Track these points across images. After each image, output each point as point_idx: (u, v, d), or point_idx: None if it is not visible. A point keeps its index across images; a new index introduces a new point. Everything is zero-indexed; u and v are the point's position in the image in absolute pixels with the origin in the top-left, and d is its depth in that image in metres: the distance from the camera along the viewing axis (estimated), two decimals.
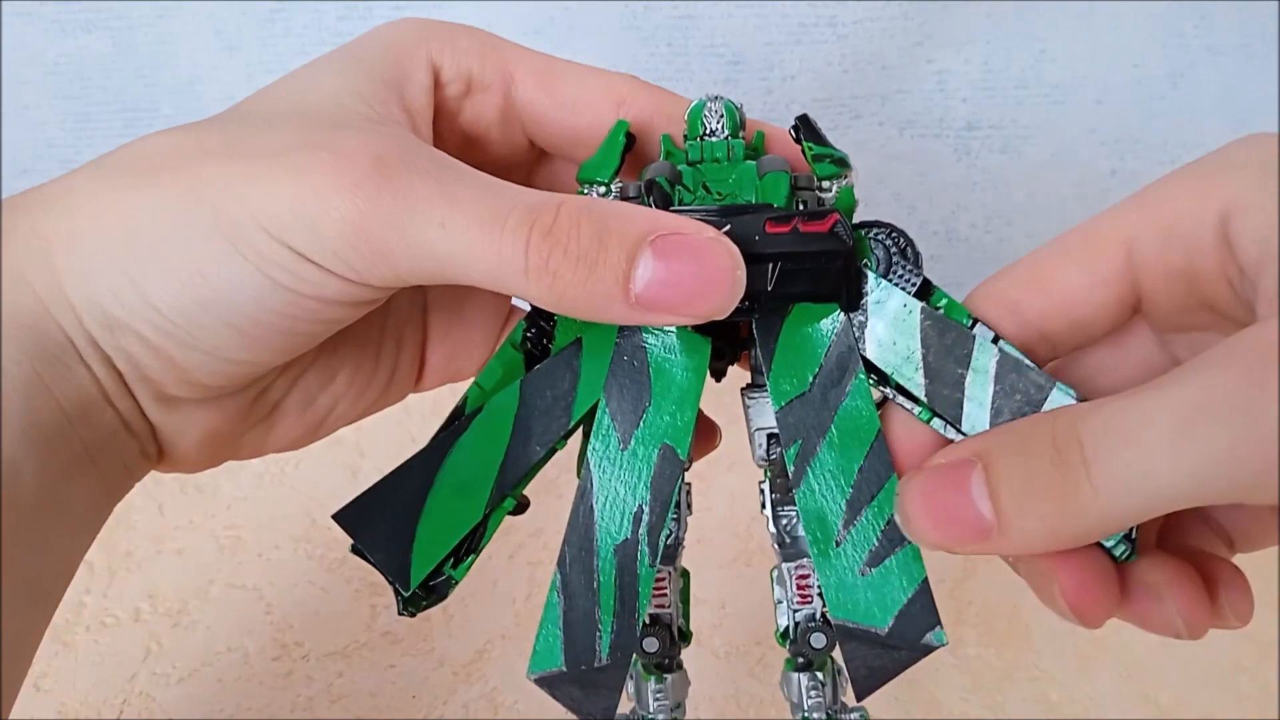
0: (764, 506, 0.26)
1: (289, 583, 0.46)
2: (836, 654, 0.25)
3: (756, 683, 0.42)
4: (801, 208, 0.24)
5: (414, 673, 0.42)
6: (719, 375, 0.27)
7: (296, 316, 0.23)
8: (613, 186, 0.25)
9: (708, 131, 0.25)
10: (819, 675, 0.26)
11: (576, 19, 0.53)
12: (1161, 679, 0.42)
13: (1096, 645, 0.43)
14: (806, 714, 0.26)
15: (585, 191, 0.26)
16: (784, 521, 0.26)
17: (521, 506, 0.25)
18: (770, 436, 0.25)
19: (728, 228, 0.22)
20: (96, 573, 0.46)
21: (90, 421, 0.23)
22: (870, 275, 0.24)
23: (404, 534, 0.24)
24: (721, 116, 0.25)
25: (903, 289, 0.24)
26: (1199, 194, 0.22)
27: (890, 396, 0.24)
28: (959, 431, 0.23)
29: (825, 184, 0.25)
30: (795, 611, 0.25)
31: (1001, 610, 0.45)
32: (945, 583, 0.46)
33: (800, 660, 0.26)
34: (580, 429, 0.25)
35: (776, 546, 0.26)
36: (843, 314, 0.24)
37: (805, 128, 0.26)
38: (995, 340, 0.24)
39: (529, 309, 0.26)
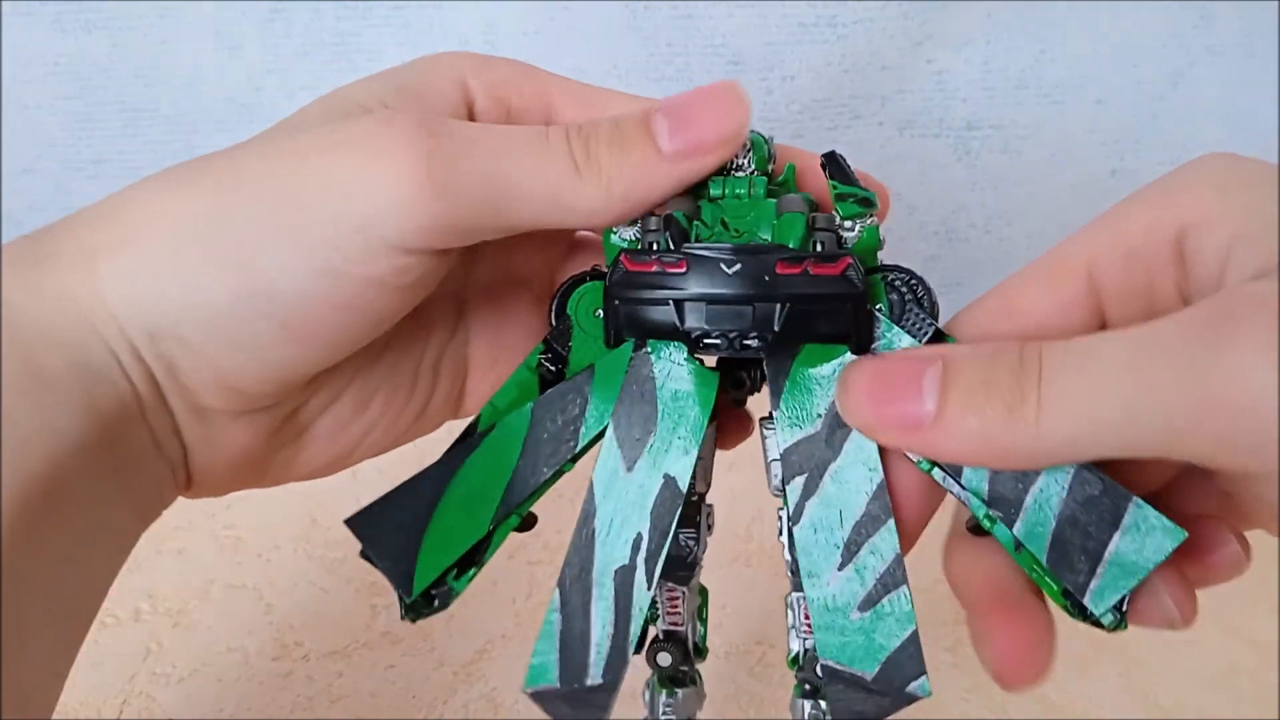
0: (780, 533, 0.25)
1: (289, 583, 0.46)
2: None
3: (757, 682, 0.42)
4: (819, 249, 0.24)
5: (414, 673, 0.42)
6: (739, 404, 0.27)
7: (340, 304, 0.23)
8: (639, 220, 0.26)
9: (734, 166, 0.25)
10: (822, 704, 0.26)
11: (576, 19, 0.53)
12: (1161, 679, 0.42)
13: (1096, 645, 0.43)
14: None
15: (612, 234, 0.26)
16: None
17: (527, 524, 0.25)
18: None
19: (738, 267, 0.23)
20: None
21: (124, 440, 0.23)
22: (881, 320, 0.24)
23: (410, 543, 0.24)
24: (748, 151, 0.25)
25: (914, 337, 0.24)
26: (1157, 215, 0.23)
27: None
28: (958, 484, 0.23)
29: (848, 224, 0.25)
30: (804, 639, 0.25)
31: None
32: (945, 582, 0.46)
33: (807, 687, 0.26)
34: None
35: (790, 574, 0.25)
36: (852, 356, 0.24)
37: (832, 164, 0.25)
38: None
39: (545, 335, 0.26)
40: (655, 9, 0.53)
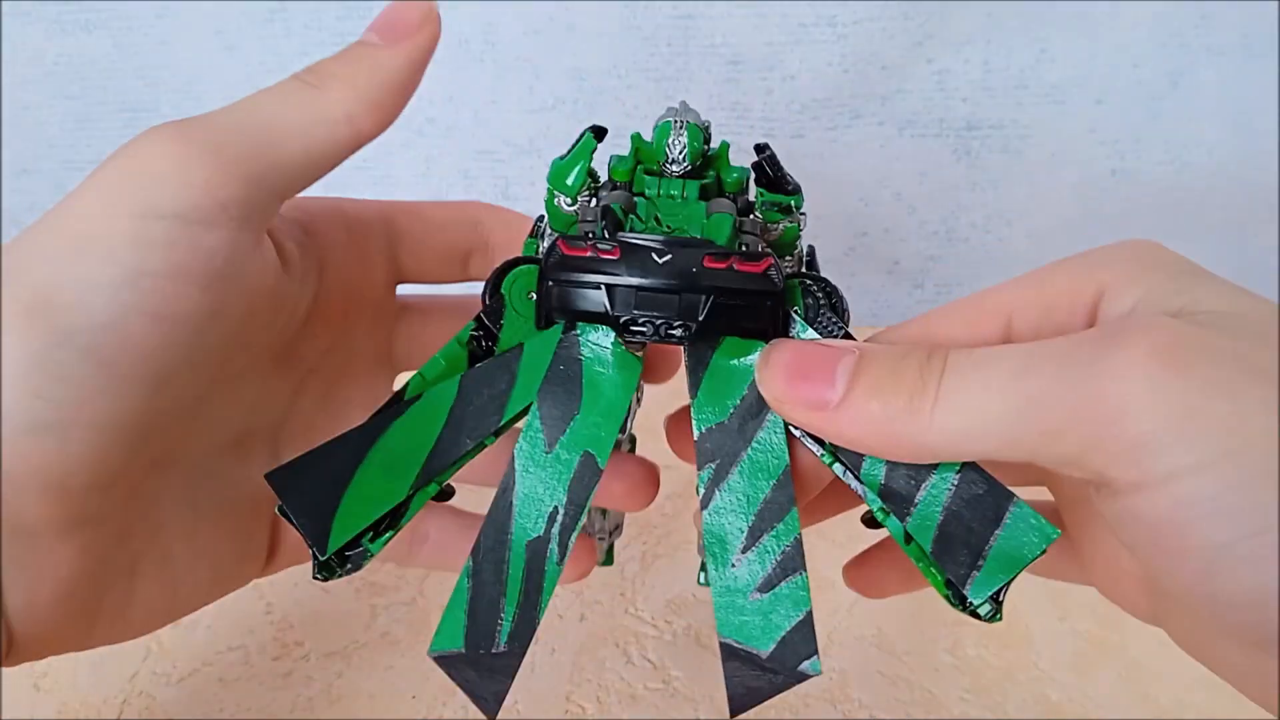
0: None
1: (289, 583, 0.46)
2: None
3: None
4: (744, 249, 0.26)
5: (414, 673, 0.42)
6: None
7: (154, 315, 0.23)
8: (579, 199, 0.27)
9: (669, 159, 0.27)
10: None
11: (576, 19, 0.53)
12: (1161, 679, 0.42)
13: (1096, 645, 0.43)
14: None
15: (555, 199, 0.27)
16: None
17: (445, 494, 0.26)
18: None
19: (669, 257, 0.24)
20: None
21: None
22: (797, 321, 0.25)
23: (328, 502, 0.24)
24: (684, 149, 0.26)
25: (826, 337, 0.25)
26: (1080, 277, 0.24)
27: (799, 435, 0.25)
28: (857, 479, 0.24)
29: (770, 225, 0.27)
30: None
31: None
32: None
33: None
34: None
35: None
36: None
37: (759, 172, 0.27)
38: None
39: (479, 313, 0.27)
40: (655, 9, 0.53)
